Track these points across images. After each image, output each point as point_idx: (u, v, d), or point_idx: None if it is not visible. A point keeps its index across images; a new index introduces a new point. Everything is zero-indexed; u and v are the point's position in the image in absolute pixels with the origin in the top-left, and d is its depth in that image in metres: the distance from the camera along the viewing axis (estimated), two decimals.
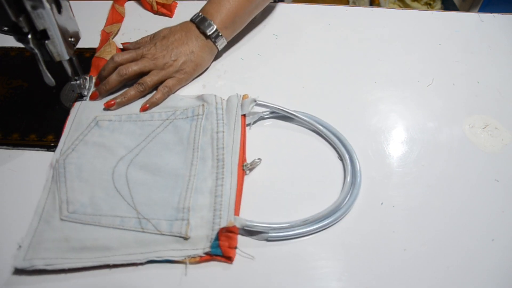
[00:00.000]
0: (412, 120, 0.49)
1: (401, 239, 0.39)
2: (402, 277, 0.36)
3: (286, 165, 0.44)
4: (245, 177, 0.43)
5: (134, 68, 0.48)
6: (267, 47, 0.57)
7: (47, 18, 0.38)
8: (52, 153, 0.44)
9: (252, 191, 0.42)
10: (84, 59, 0.54)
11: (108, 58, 0.52)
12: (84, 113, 0.47)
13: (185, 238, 0.37)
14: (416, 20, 0.62)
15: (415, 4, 1.45)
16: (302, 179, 0.43)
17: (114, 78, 0.48)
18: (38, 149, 0.45)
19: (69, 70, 0.45)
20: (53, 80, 0.42)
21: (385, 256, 0.38)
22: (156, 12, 0.61)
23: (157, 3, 0.61)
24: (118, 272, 0.36)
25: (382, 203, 0.41)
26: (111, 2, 0.62)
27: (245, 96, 0.47)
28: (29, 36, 0.38)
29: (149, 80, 0.48)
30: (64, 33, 0.40)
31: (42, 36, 0.39)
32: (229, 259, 0.36)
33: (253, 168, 0.43)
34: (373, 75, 0.54)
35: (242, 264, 0.37)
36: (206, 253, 0.36)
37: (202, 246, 0.37)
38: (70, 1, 0.41)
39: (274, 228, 0.38)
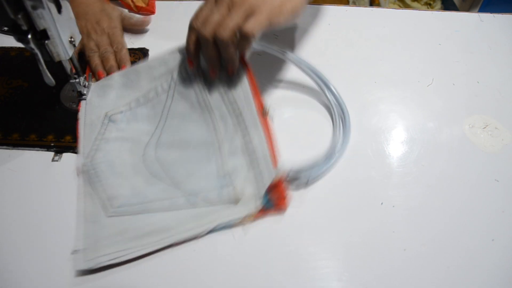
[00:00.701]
0: (412, 120, 0.49)
1: (401, 239, 0.39)
2: (402, 277, 0.36)
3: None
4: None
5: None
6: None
7: (47, 18, 0.37)
8: (51, 153, 0.44)
9: None
10: (84, 59, 0.54)
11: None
12: (94, 113, 0.47)
13: (236, 202, 0.38)
14: (416, 20, 0.62)
15: (415, 4, 1.45)
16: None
17: (232, 50, 0.39)
18: (38, 149, 0.45)
19: (69, 70, 0.45)
20: (53, 80, 0.42)
21: (385, 256, 0.38)
22: (138, 12, 0.61)
23: (136, 6, 0.61)
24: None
25: (382, 203, 0.41)
26: None
27: None
28: (29, 36, 0.38)
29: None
30: (64, 33, 0.40)
31: (42, 36, 0.39)
32: (281, 209, 0.38)
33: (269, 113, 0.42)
34: (373, 75, 0.54)
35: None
36: (259, 210, 0.38)
37: (253, 205, 0.38)
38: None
39: (313, 167, 0.40)
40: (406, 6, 1.44)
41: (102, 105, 0.47)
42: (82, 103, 0.48)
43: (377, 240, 0.39)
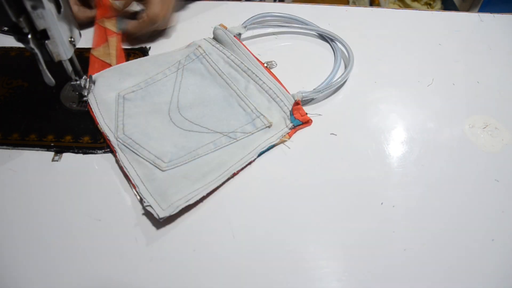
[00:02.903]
0: (412, 120, 0.49)
1: (401, 239, 0.39)
2: (402, 277, 0.36)
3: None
4: None
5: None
6: (267, 47, 0.57)
7: (47, 18, 0.37)
8: (51, 153, 0.45)
9: None
10: (84, 59, 0.54)
11: (106, 60, 0.52)
12: (105, 94, 0.48)
13: (269, 127, 0.45)
14: (416, 20, 0.62)
15: (415, 4, 1.45)
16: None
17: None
18: (38, 149, 0.45)
19: (69, 70, 0.45)
20: (53, 80, 0.42)
21: (385, 256, 0.38)
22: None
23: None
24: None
25: (382, 203, 0.41)
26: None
27: (221, 25, 0.54)
28: (29, 36, 0.38)
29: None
30: (64, 33, 0.40)
31: (42, 36, 0.39)
32: (307, 122, 0.47)
33: (272, 67, 0.54)
34: (373, 75, 0.54)
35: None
36: (291, 128, 0.46)
37: (284, 125, 0.47)
38: (70, 1, 0.41)
39: (317, 91, 0.49)
40: (406, 6, 1.45)
41: (108, 86, 0.49)
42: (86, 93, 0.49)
43: (377, 240, 0.39)
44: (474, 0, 1.28)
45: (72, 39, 0.42)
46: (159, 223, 0.39)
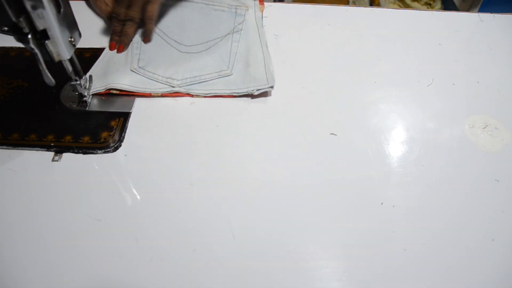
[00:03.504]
0: (412, 120, 0.49)
1: (401, 239, 0.39)
2: (402, 277, 0.36)
3: None
4: None
5: (121, 9, 0.55)
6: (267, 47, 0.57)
7: (47, 18, 0.37)
8: (51, 153, 0.45)
9: None
10: (84, 59, 0.54)
11: None
12: (120, 79, 0.51)
13: (247, 9, 0.59)
14: (416, 20, 0.62)
15: (415, 4, 1.45)
16: None
17: (117, 26, 0.56)
18: (38, 149, 0.45)
19: (69, 70, 0.45)
20: (53, 80, 0.42)
21: (385, 256, 0.38)
22: None
23: None
24: None
25: (382, 203, 0.41)
26: None
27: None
28: (29, 36, 0.38)
29: (132, 12, 0.55)
30: (64, 33, 0.40)
31: (42, 36, 0.39)
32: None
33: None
34: (373, 75, 0.54)
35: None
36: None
37: (251, 1, 0.60)
38: (70, 1, 0.41)
39: None
40: (406, 6, 1.45)
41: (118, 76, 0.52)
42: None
43: (377, 240, 0.39)
44: (474, 0, 1.28)
45: (72, 39, 0.42)
46: (159, 223, 0.39)
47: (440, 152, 0.46)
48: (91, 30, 0.57)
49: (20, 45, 0.39)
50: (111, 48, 0.55)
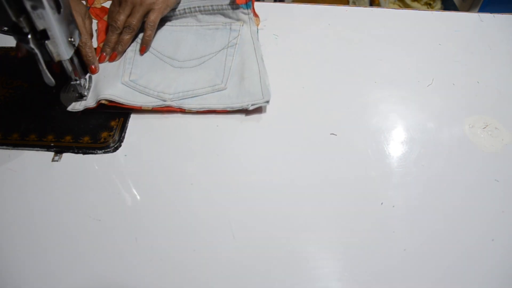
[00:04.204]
0: (412, 120, 0.49)
1: (401, 239, 0.39)
2: (402, 277, 0.36)
3: None
4: None
5: (121, 17, 0.53)
6: (267, 47, 0.57)
7: (47, 18, 0.37)
8: (51, 153, 0.45)
9: None
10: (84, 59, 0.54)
11: None
12: (110, 89, 0.49)
13: (242, 25, 0.57)
14: (416, 20, 0.62)
15: (415, 4, 1.45)
16: None
17: (113, 36, 0.54)
18: (38, 149, 0.45)
19: (69, 70, 0.45)
20: (53, 80, 0.42)
21: (385, 256, 0.38)
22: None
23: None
24: None
25: (382, 203, 0.41)
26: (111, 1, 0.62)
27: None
28: (29, 36, 0.38)
29: (132, 19, 0.53)
30: (64, 33, 0.40)
31: (42, 36, 0.39)
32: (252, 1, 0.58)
33: None
34: (373, 75, 0.54)
35: None
36: (250, 12, 0.57)
37: (246, 15, 0.57)
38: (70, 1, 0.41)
39: None
40: (406, 6, 1.45)
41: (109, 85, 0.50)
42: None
43: (377, 240, 0.39)
44: (474, 0, 1.28)
45: (72, 39, 0.42)
46: (159, 223, 0.39)
47: (440, 152, 0.46)
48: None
49: None
50: (100, 60, 0.53)
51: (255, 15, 0.58)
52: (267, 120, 0.48)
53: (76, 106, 0.48)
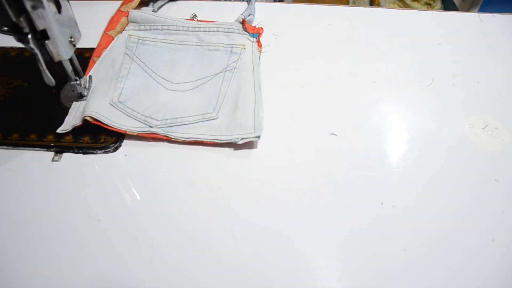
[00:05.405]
0: (412, 120, 0.49)
1: (401, 239, 0.39)
2: (402, 277, 0.36)
3: None
4: None
5: None
6: (267, 47, 0.57)
7: (47, 18, 0.37)
8: (51, 153, 0.45)
9: None
10: (84, 59, 0.54)
11: None
12: (98, 109, 0.47)
13: (244, 48, 0.55)
14: (416, 20, 0.62)
15: (415, 4, 1.45)
16: None
17: None
18: (38, 149, 0.45)
19: (69, 70, 0.45)
20: (53, 80, 0.42)
21: (385, 256, 0.38)
22: None
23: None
24: None
25: (382, 203, 0.41)
26: (111, 1, 0.62)
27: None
28: (29, 36, 0.38)
29: None
30: (64, 33, 0.40)
31: (42, 36, 0.39)
32: (260, 31, 0.58)
33: (196, 18, 0.60)
34: (373, 75, 0.54)
35: None
36: (255, 41, 0.56)
37: (250, 42, 0.56)
38: (70, 1, 0.41)
39: (248, 9, 0.60)
40: (406, 6, 1.45)
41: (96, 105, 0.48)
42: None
43: (377, 240, 0.39)
44: (474, 0, 1.28)
45: (72, 39, 0.42)
46: (159, 223, 0.39)
47: (440, 152, 0.46)
48: (91, 30, 0.57)
49: (20, 45, 0.39)
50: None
51: (259, 45, 0.56)
52: (267, 119, 0.48)
53: (66, 127, 0.46)
